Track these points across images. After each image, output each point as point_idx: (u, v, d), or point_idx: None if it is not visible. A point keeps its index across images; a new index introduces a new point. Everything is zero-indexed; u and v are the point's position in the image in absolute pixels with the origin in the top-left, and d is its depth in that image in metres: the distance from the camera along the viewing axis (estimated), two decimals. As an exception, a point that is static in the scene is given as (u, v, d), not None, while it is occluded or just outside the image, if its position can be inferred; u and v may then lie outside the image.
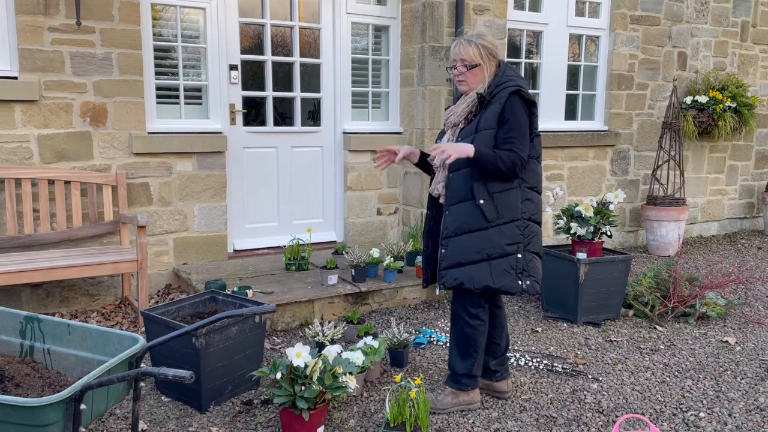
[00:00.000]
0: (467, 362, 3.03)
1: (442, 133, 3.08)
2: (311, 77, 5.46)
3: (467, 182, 2.87)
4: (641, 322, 4.43)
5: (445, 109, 3.11)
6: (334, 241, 5.71)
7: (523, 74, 6.11)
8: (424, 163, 3.19)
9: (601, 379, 3.49)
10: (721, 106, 6.66)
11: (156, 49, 4.75)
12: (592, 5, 6.35)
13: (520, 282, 2.88)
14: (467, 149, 2.77)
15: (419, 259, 4.69)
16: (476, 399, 3.09)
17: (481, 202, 2.84)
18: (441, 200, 3.03)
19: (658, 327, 4.32)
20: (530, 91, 6.14)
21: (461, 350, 3.04)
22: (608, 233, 4.41)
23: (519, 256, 2.88)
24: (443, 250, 2.94)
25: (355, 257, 4.49)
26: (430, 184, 3.11)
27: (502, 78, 2.90)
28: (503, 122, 2.82)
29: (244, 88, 5.16)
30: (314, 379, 2.69)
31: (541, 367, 3.62)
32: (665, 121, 6.51)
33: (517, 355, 3.75)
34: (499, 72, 2.93)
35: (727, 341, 4.08)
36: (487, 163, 2.78)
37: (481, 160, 2.78)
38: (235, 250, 5.24)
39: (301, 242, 4.99)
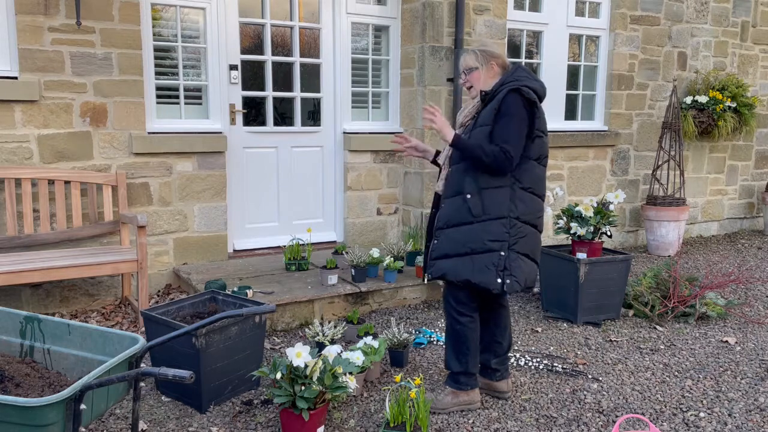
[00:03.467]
0: (462, 360, 3.04)
1: None
2: (311, 77, 5.46)
3: (462, 176, 2.92)
4: (641, 322, 4.43)
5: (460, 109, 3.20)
6: (334, 241, 5.71)
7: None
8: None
9: (601, 379, 3.49)
10: (721, 106, 6.66)
11: (156, 49, 4.75)
12: (592, 5, 6.35)
13: (499, 280, 2.89)
14: (448, 132, 2.91)
15: (419, 259, 4.70)
16: (476, 399, 3.10)
17: (469, 196, 2.88)
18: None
19: (658, 327, 4.32)
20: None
21: (454, 348, 3.06)
22: (608, 233, 4.41)
23: (502, 253, 2.88)
24: (435, 241, 3.00)
25: (355, 257, 4.49)
26: (437, 181, 3.17)
27: (510, 78, 2.93)
28: (498, 118, 2.85)
29: (244, 88, 5.16)
30: (314, 379, 2.69)
31: (541, 367, 3.62)
32: (665, 121, 6.51)
33: (517, 355, 3.75)
34: (508, 73, 2.97)
35: (727, 341, 4.08)
36: (466, 150, 2.87)
37: (460, 146, 2.88)
38: (235, 250, 5.24)
39: (301, 242, 4.99)
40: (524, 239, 2.94)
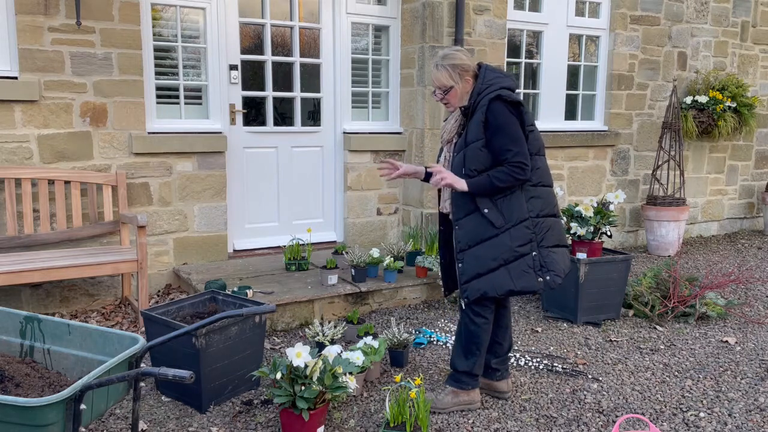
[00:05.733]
0: (470, 360, 3.04)
1: (441, 150, 3.12)
2: (311, 77, 5.46)
3: (471, 195, 2.88)
4: (641, 322, 4.43)
5: (444, 120, 3.13)
6: (334, 241, 5.71)
7: (522, 74, 6.11)
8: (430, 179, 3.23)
9: (601, 379, 3.49)
10: (721, 106, 6.66)
11: (156, 49, 4.75)
12: (592, 5, 6.35)
13: (540, 279, 2.90)
14: (460, 185, 2.84)
15: (419, 258, 4.70)
16: (476, 399, 3.10)
17: (486, 211, 2.86)
18: (450, 216, 3.05)
19: (658, 327, 4.32)
20: (530, 91, 6.18)
21: (465, 348, 3.05)
22: (608, 233, 4.41)
23: (534, 254, 2.89)
24: (460, 265, 2.96)
25: (355, 257, 4.49)
26: (438, 202, 3.16)
27: (483, 84, 2.89)
28: (491, 133, 2.82)
29: (244, 88, 5.16)
30: (314, 379, 2.69)
31: (541, 367, 3.62)
32: (665, 121, 6.51)
33: (517, 355, 3.75)
34: (479, 79, 2.92)
35: (727, 341, 4.08)
36: (484, 190, 2.84)
37: (477, 191, 2.84)
38: (235, 250, 5.24)
39: (301, 242, 4.99)
40: (549, 232, 2.94)
